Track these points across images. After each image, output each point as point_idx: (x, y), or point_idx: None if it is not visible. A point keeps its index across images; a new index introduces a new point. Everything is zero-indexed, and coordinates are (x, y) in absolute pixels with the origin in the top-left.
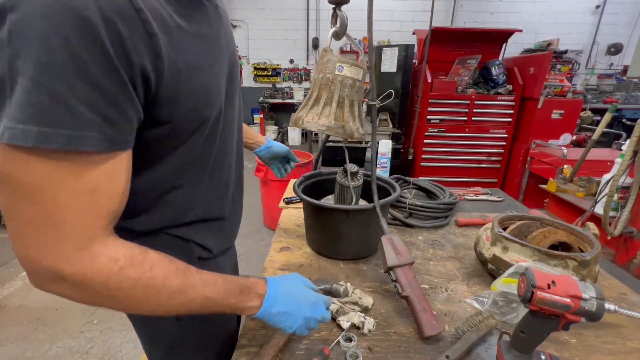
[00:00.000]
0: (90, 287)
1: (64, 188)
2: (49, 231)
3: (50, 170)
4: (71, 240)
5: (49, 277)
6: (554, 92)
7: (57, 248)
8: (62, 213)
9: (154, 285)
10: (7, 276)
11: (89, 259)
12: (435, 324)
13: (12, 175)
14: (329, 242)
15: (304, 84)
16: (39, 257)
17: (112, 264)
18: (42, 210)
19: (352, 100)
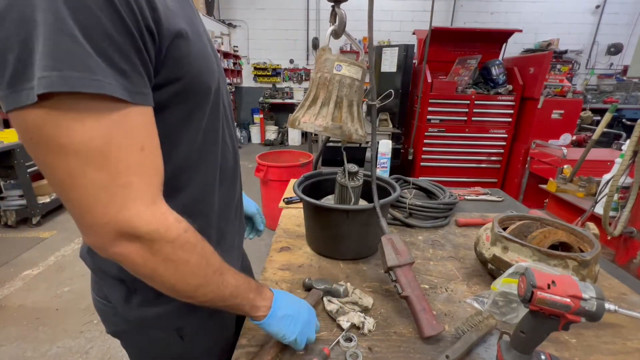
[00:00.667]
0: (159, 246)
1: (121, 146)
2: (121, 191)
3: (102, 125)
4: (142, 198)
5: (124, 236)
6: (554, 92)
7: (132, 206)
8: (128, 172)
9: (205, 255)
10: (7, 276)
11: (160, 216)
12: (435, 324)
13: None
14: (329, 242)
15: (304, 84)
16: (115, 217)
17: (179, 224)
18: (110, 173)
19: (350, 100)
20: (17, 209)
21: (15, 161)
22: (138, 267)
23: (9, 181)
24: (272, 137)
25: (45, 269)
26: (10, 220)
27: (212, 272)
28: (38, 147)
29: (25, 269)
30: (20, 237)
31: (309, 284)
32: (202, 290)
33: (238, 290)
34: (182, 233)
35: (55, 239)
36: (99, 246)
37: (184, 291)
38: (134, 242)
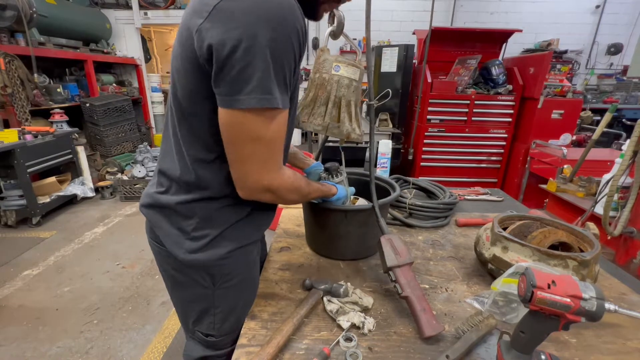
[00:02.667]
0: (281, 193)
1: (276, 134)
2: (270, 163)
3: (277, 124)
4: (278, 167)
5: (264, 189)
6: (554, 92)
7: (272, 171)
8: (275, 151)
9: (301, 191)
10: (7, 276)
11: (283, 177)
12: (435, 324)
13: (262, 135)
14: (328, 242)
15: (304, 84)
16: (263, 177)
17: (289, 179)
18: (270, 152)
19: (348, 100)
20: (17, 209)
21: (15, 161)
22: (270, 201)
23: (9, 181)
24: None
25: (45, 269)
26: (10, 220)
27: (306, 194)
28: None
29: (25, 269)
30: (20, 237)
31: (309, 284)
32: (302, 200)
33: (318, 192)
34: (292, 182)
35: (55, 239)
36: (249, 195)
37: (293, 203)
38: (270, 193)
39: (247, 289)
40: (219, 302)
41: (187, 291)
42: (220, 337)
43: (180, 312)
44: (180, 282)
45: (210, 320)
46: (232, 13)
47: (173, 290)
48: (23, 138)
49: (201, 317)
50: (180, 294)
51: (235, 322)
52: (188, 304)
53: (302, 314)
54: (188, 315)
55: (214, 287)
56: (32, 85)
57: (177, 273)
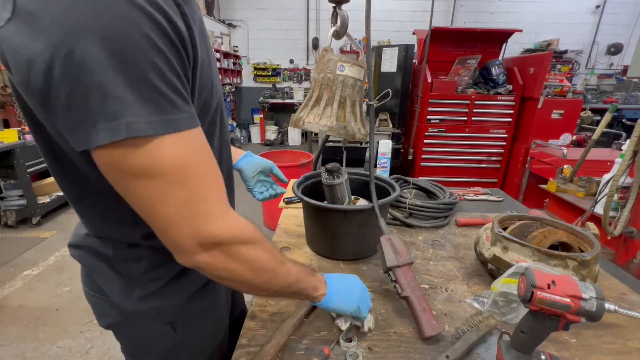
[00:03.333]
0: (237, 248)
1: (197, 165)
2: (201, 205)
3: (182, 153)
4: (219, 208)
5: (205, 246)
6: (554, 92)
7: (211, 217)
8: (203, 186)
9: (270, 250)
10: (7, 276)
11: (234, 222)
12: (435, 324)
13: (155, 169)
14: (328, 243)
15: (304, 84)
16: (198, 230)
17: (248, 227)
18: (190, 190)
19: (353, 101)
20: (17, 209)
21: (15, 161)
22: (219, 271)
23: (9, 181)
24: (272, 137)
25: (45, 269)
26: (10, 220)
27: (279, 264)
28: (123, 179)
29: (25, 269)
30: (20, 237)
31: None
32: (273, 281)
33: (300, 275)
34: (252, 233)
35: (55, 239)
36: (183, 257)
37: (260, 285)
38: (215, 250)
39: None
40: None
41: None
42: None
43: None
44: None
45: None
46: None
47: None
48: (23, 138)
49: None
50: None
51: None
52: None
53: (302, 314)
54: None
55: (174, 332)
56: None
57: (126, 326)
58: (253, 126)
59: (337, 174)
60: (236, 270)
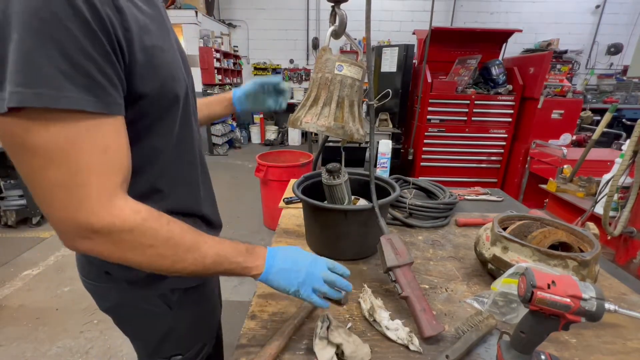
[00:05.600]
0: (119, 237)
1: (82, 148)
2: (77, 191)
3: (67, 132)
4: (98, 196)
5: (83, 233)
6: (554, 92)
7: (87, 205)
8: (86, 172)
9: (172, 237)
10: (7, 276)
11: (115, 211)
12: (435, 324)
13: (35, 143)
14: (328, 243)
15: (304, 84)
16: (73, 215)
17: (136, 215)
18: (68, 172)
19: (352, 101)
20: (17, 209)
21: None
22: (107, 257)
23: (9, 181)
24: (272, 137)
25: (45, 269)
26: (10, 220)
27: (185, 250)
28: (9, 147)
29: (25, 269)
30: (20, 237)
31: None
32: (178, 265)
33: (221, 259)
34: (141, 222)
35: (55, 239)
36: (65, 240)
37: (160, 269)
38: (94, 237)
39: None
40: (179, 322)
41: (139, 322)
42: (187, 351)
43: (136, 344)
44: (127, 315)
45: (173, 342)
46: None
47: (122, 325)
48: None
49: (163, 342)
50: (131, 327)
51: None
52: (143, 334)
53: (303, 315)
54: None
55: (170, 310)
56: None
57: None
58: (253, 126)
59: (337, 174)
60: (126, 256)
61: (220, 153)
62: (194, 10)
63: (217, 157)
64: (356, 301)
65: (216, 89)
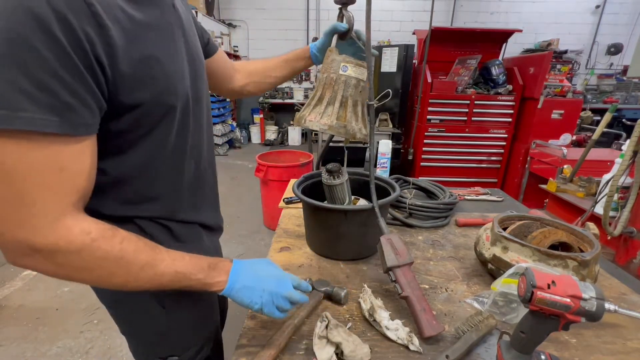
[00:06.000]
0: (63, 258)
1: (33, 168)
2: (22, 208)
3: (19, 151)
4: (44, 215)
5: (23, 250)
6: (554, 92)
7: (30, 222)
8: (33, 190)
9: (124, 257)
10: (7, 276)
11: (61, 231)
12: (435, 324)
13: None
14: (328, 243)
15: (304, 84)
16: (13, 231)
17: (84, 236)
18: (14, 189)
19: (355, 101)
20: None
21: None
22: (52, 275)
23: None
24: (272, 137)
25: None
26: None
27: (139, 269)
28: None
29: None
30: None
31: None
32: (132, 284)
33: (179, 276)
34: (90, 243)
35: None
36: (8, 256)
37: (112, 287)
38: (36, 255)
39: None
40: (174, 323)
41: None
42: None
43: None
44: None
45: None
46: None
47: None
48: None
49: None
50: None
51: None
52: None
53: (303, 316)
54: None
55: (164, 310)
56: None
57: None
58: (253, 126)
59: (337, 174)
60: (70, 275)
61: (220, 153)
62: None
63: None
64: (356, 301)
65: None
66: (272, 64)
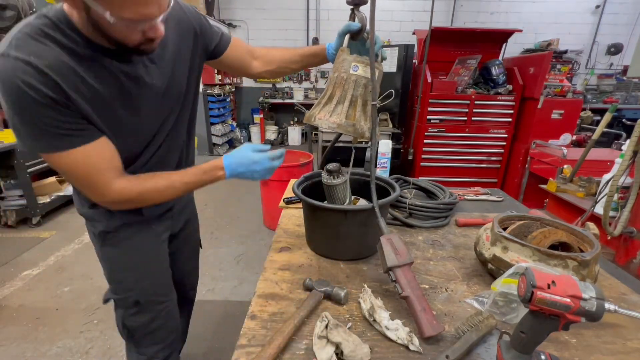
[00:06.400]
0: (125, 202)
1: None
2: (90, 185)
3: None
4: (103, 186)
5: (106, 203)
6: (554, 92)
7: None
8: (92, 175)
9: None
10: (7, 276)
11: (113, 190)
12: (435, 324)
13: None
14: (328, 243)
15: (304, 83)
16: (95, 197)
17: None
18: (84, 177)
19: (365, 100)
20: (17, 209)
21: (15, 161)
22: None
23: (9, 181)
24: (272, 137)
25: (45, 269)
26: (10, 220)
27: (164, 189)
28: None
29: (25, 269)
30: (20, 237)
31: (310, 284)
32: (164, 198)
33: (189, 185)
34: (129, 192)
35: (55, 239)
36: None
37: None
38: (112, 203)
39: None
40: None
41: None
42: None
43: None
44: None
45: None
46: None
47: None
48: None
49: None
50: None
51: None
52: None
53: (303, 315)
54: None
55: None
56: None
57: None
58: (253, 126)
59: (337, 174)
60: (136, 205)
61: (220, 153)
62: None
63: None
64: (356, 301)
65: (216, 89)
66: (288, 56)
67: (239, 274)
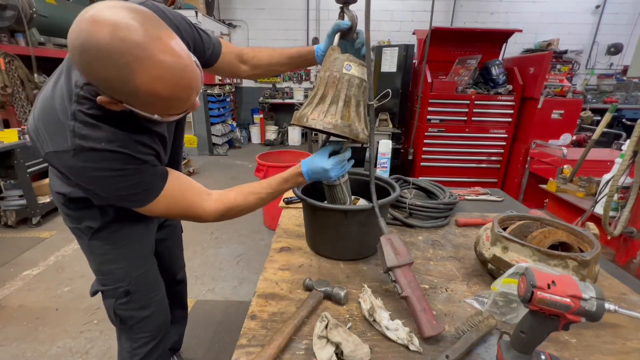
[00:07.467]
0: (223, 216)
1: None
2: (190, 207)
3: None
4: (200, 206)
5: (213, 219)
6: (554, 92)
7: (196, 212)
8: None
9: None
10: (7, 276)
11: (209, 211)
12: (435, 324)
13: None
14: (328, 243)
15: (304, 84)
16: (196, 217)
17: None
18: (183, 208)
19: (358, 101)
20: (17, 209)
21: (15, 161)
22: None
23: (9, 181)
24: (272, 137)
25: (45, 269)
26: (10, 220)
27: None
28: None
29: (25, 269)
30: (20, 237)
31: (310, 284)
32: (254, 208)
33: (274, 194)
34: (222, 207)
35: (55, 239)
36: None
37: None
38: (214, 219)
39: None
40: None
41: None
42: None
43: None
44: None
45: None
46: None
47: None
48: (23, 138)
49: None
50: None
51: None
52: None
53: (303, 316)
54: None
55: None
56: (32, 85)
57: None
58: (253, 126)
59: None
60: (233, 215)
61: (220, 153)
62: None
63: (217, 157)
64: (356, 301)
65: (216, 89)
66: (276, 58)
67: (239, 274)
